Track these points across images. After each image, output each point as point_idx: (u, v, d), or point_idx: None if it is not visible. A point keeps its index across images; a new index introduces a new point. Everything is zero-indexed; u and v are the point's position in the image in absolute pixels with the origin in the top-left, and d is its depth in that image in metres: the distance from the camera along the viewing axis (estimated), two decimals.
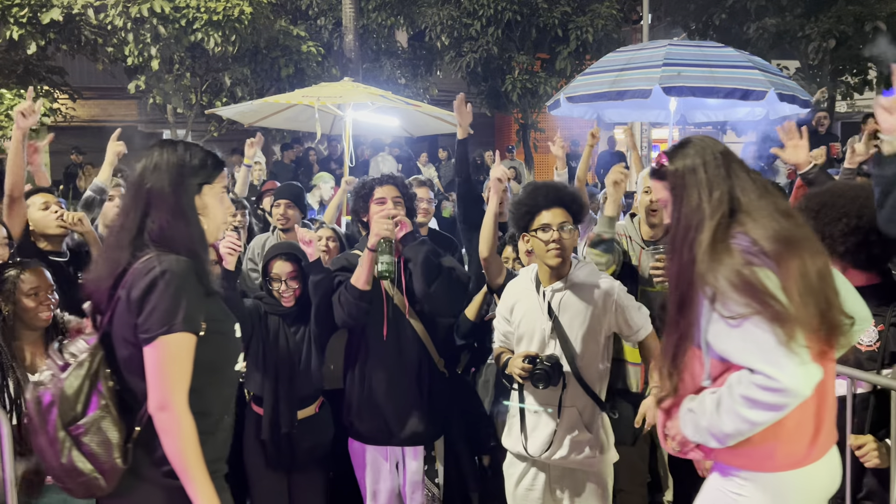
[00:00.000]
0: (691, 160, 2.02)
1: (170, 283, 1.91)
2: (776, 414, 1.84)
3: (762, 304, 1.81)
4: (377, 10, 14.05)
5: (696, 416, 1.96)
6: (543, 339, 2.84)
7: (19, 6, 9.61)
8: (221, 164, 2.14)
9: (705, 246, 1.92)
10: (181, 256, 1.97)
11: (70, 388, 1.97)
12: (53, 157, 16.54)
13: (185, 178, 2.04)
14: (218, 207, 2.12)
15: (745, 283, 1.83)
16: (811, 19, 11.49)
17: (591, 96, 6.85)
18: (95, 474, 1.94)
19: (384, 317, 3.15)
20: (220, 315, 2.09)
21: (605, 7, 13.26)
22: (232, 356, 2.14)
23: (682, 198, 2.01)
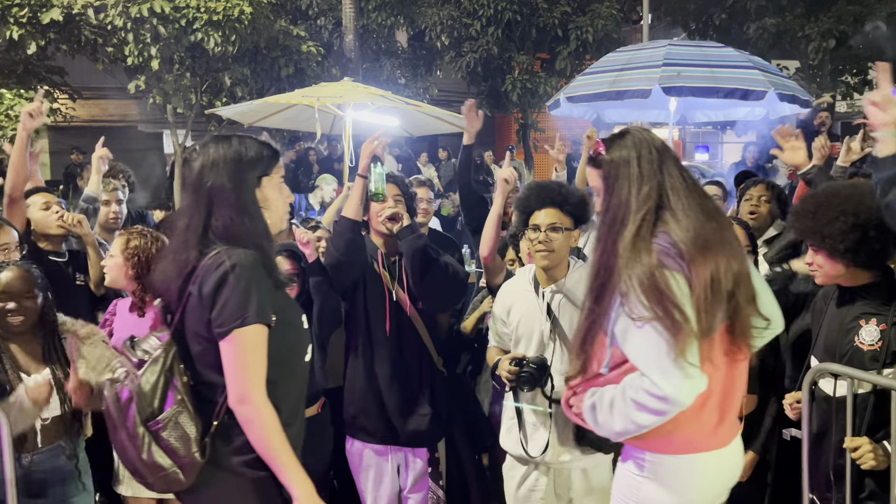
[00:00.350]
0: (626, 152, 2.05)
1: (240, 276, 1.93)
2: (659, 418, 1.93)
3: (664, 312, 1.87)
4: (377, 10, 14.05)
5: (596, 412, 2.06)
6: (542, 341, 2.83)
7: (19, 6, 9.60)
8: (277, 154, 2.15)
9: (627, 242, 1.96)
10: (248, 250, 1.98)
11: (146, 385, 2.00)
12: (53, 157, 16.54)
13: (244, 173, 2.04)
14: (278, 198, 2.12)
15: (655, 286, 1.88)
16: (811, 19, 11.49)
17: (591, 96, 6.86)
18: (175, 469, 1.97)
19: (386, 312, 3.15)
20: (287, 307, 2.11)
21: (605, 7, 13.26)
22: (301, 348, 2.16)
23: (613, 189, 2.05)
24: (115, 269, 3.07)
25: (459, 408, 3.44)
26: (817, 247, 2.53)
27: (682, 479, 2.08)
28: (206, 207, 2.02)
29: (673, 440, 2.03)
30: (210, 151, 2.06)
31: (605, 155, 2.08)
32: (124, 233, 3.13)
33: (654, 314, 1.87)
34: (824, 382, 2.58)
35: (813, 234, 2.52)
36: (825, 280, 2.58)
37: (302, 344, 2.16)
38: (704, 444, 2.07)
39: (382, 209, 3.15)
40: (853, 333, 2.50)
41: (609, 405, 2.01)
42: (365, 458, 3.25)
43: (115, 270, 3.06)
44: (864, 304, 2.51)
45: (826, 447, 2.56)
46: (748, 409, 2.88)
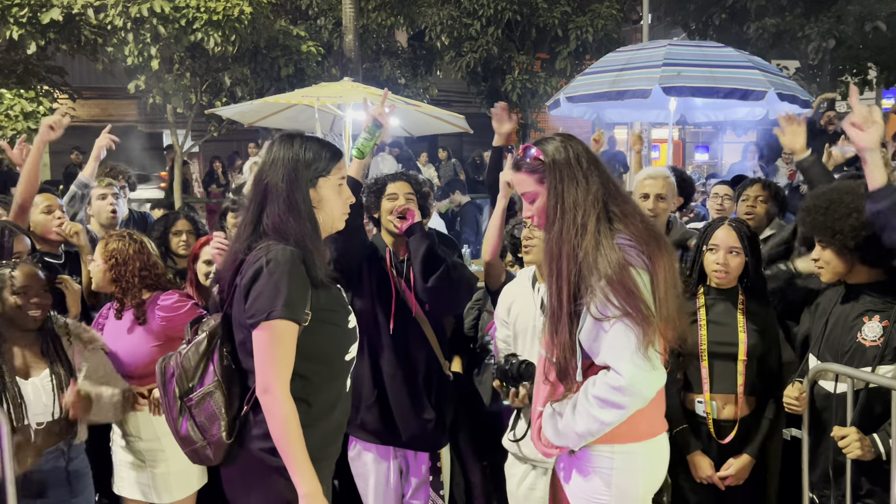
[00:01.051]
0: (565, 154, 2.04)
1: (273, 271, 2.00)
2: (623, 413, 1.96)
3: (634, 308, 1.89)
4: (377, 10, 14.04)
5: (555, 418, 2.06)
6: (536, 334, 2.82)
7: (19, 6, 9.59)
8: (339, 154, 2.20)
9: (590, 244, 1.95)
10: (290, 247, 2.05)
11: (189, 363, 2.14)
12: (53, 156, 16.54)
13: (299, 173, 2.11)
14: (335, 199, 2.18)
15: (624, 284, 1.90)
16: (811, 19, 11.48)
17: (591, 96, 6.86)
18: (204, 444, 2.11)
19: (391, 311, 3.12)
20: (331, 305, 2.16)
21: (605, 7, 13.26)
22: (342, 347, 2.20)
23: (562, 192, 2.02)
24: (98, 272, 3.07)
25: (466, 413, 3.42)
26: (826, 243, 2.54)
27: (651, 463, 2.13)
28: (260, 204, 2.12)
29: (639, 428, 2.07)
30: (273, 150, 2.16)
31: (544, 158, 2.06)
32: (104, 236, 3.13)
33: (624, 311, 1.89)
34: (825, 381, 2.59)
35: (823, 230, 2.53)
36: (831, 277, 2.59)
37: (343, 343, 2.21)
38: (660, 426, 2.15)
39: (393, 205, 3.13)
40: (856, 330, 2.51)
41: (571, 409, 2.02)
42: (367, 463, 3.21)
43: (99, 274, 3.06)
44: (868, 301, 2.53)
45: (825, 445, 2.57)
46: (746, 411, 2.88)
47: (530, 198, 2.11)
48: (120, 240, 3.05)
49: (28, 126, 10.10)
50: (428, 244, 3.05)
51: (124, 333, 3.04)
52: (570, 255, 1.97)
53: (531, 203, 2.12)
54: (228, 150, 14.55)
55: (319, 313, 2.09)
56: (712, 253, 2.90)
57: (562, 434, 2.05)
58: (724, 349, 2.87)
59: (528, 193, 2.11)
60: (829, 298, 2.73)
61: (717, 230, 2.91)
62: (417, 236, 3.06)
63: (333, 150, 2.19)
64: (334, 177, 2.17)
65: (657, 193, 3.42)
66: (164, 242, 3.94)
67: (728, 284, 2.91)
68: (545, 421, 2.10)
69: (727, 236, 2.88)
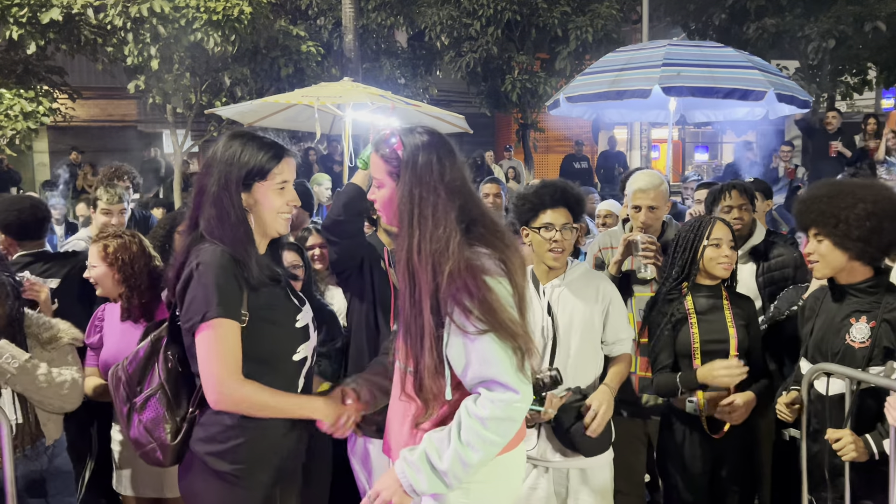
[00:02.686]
0: (426, 156, 1.90)
1: (203, 273, 2.00)
2: (517, 425, 1.88)
3: (500, 321, 1.80)
4: (377, 9, 14.05)
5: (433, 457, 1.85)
6: (542, 337, 2.84)
7: (19, 6, 9.59)
8: (279, 157, 2.13)
9: (451, 258, 1.82)
10: (221, 247, 2.04)
11: (134, 366, 2.18)
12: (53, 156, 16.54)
13: (231, 176, 2.08)
14: (271, 203, 2.13)
15: (486, 297, 1.80)
16: (811, 19, 11.48)
17: (591, 96, 6.86)
18: (154, 446, 2.13)
19: (391, 310, 3.08)
20: (273, 305, 2.14)
21: (605, 7, 13.26)
22: (287, 347, 2.17)
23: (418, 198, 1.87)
24: (102, 278, 2.99)
25: None
26: (826, 233, 2.50)
27: (514, 474, 2.07)
28: (196, 206, 2.12)
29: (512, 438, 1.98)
30: (212, 150, 2.15)
31: (402, 154, 1.92)
32: (98, 240, 3.03)
33: (490, 325, 1.79)
34: (818, 382, 2.59)
35: (826, 219, 2.48)
36: (823, 273, 2.57)
37: (289, 343, 2.18)
38: (521, 435, 2.08)
39: None
40: (844, 332, 2.51)
41: (450, 442, 1.84)
42: (366, 448, 3.14)
43: (104, 279, 2.99)
44: (854, 301, 2.52)
45: (820, 446, 2.57)
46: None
47: (378, 184, 1.99)
48: (117, 239, 3.00)
49: (28, 126, 10.11)
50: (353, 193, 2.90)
51: (131, 333, 2.99)
52: (431, 267, 1.82)
53: (378, 189, 1.99)
54: None
55: (258, 312, 2.07)
56: (716, 248, 2.93)
57: (451, 471, 1.84)
58: (716, 346, 2.90)
59: (378, 180, 1.99)
60: (814, 300, 2.73)
61: (716, 226, 2.96)
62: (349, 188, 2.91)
63: (274, 153, 2.13)
64: (272, 181, 2.11)
65: (648, 205, 3.43)
66: (169, 241, 3.91)
67: (727, 276, 2.98)
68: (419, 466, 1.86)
69: (727, 231, 2.96)
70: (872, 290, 2.49)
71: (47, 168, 16.64)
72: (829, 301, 2.62)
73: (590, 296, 2.86)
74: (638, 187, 3.45)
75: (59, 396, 2.65)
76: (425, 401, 1.90)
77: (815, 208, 2.54)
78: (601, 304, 2.86)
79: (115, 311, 3.09)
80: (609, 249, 3.62)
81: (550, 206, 2.81)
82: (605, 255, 3.61)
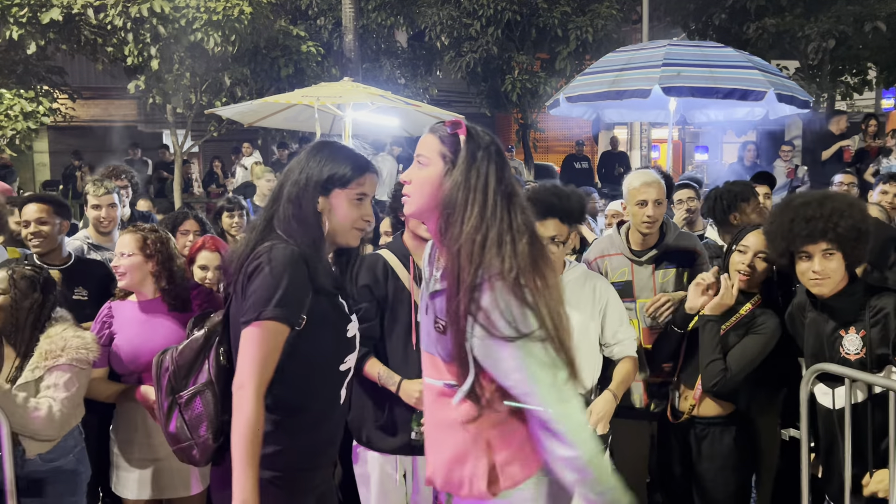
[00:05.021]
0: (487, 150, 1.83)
1: (273, 269, 1.96)
2: None
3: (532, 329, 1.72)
4: (377, 9, 14.04)
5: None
6: None
7: (19, 6, 9.59)
8: (362, 169, 2.13)
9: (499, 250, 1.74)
10: (293, 246, 2.01)
11: (184, 359, 2.13)
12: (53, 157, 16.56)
13: (312, 179, 2.08)
14: (346, 212, 2.12)
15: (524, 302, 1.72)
16: (811, 19, 11.47)
17: (591, 96, 6.86)
18: (191, 444, 2.09)
19: (412, 326, 2.94)
20: (330, 312, 2.12)
21: (605, 7, 13.26)
22: (337, 355, 2.16)
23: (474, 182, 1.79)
24: (134, 268, 2.99)
25: None
26: (835, 247, 2.41)
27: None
28: (273, 204, 2.11)
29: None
30: (301, 154, 2.17)
31: (465, 137, 1.82)
32: (135, 231, 3.04)
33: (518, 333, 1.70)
34: (823, 397, 2.57)
35: (824, 233, 2.39)
36: (831, 290, 2.47)
37: (339, 352, 2.16)
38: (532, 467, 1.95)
39: None
40: (837, 345, 2.48)
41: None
42: (370, 463, 3.06)
43: (136, 270, 2.99)
44: (838, 312, 2.48)
45: (838, 458, 2.55)
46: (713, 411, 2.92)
47: (424, 161, 1.87)
48: (153, 232, 3.04)
49: (28, 126, 10.11)
50: None
51: (152, 326, 3.01)
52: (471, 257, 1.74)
53: (421, 167, 1.87)
54: (228, 150, 14.55)
55: (317, 317, 2.06)
56: (741, 254, 2.90)
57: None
58: None
59: (425, 157, 1.86)
60: (799, 313, 2.71)
61: (750, 234, 2.92)
62: None
63: (359, 165, 2.14)
64: (351, 191, 2.11)
65: (655, 199, 3.35)
66: None
67: (751, 288, 2.91)
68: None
69: (757, 240, 2.87)
70: (852, 298, 2.46)
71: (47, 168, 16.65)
72: (814, 312, 2.59)
73: (585, 298, 2.84)
74: (643, 181, 3.38)
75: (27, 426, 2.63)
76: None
77: (808, 228, 2.41)
78: (597, 306, 2.85)
79: (124, 308, 3.08)
80: (608, 257, 3.42)
81: (539, 218, 2.68)
82: (603, 263, 3.41)
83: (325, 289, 2.09)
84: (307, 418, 2.07)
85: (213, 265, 3.38)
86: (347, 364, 2.19)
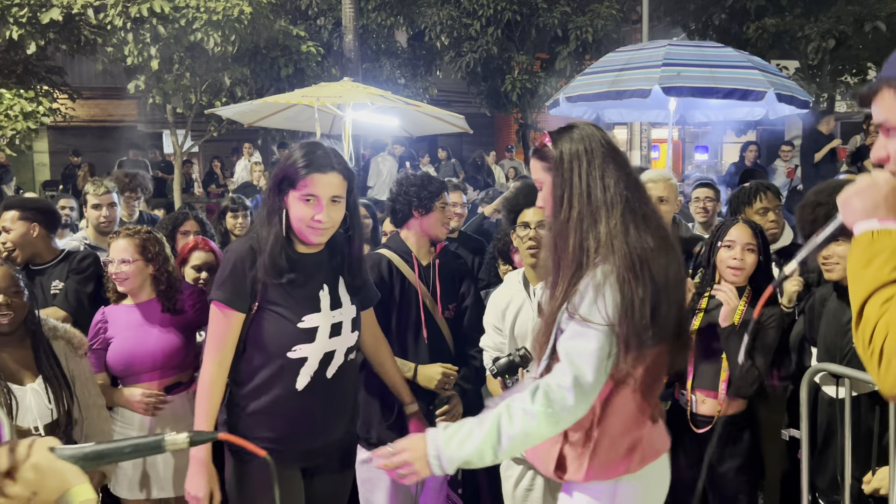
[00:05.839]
0: (577, 144, 1.93)
1: (224, 260, 2.36)
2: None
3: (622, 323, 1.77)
4: (377, 10, 14.05)
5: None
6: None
7: (19, 6, 9.58)
8: (309, 169, 2.24)
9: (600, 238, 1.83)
10: (250, 241, 2.31)
11: None
12: (53, 156, 16.56)
13: (276, 178, 2.31)
14: (295, 211, 2.27)
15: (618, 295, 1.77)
16: (811, 19, 11.48)
17: (591, 96, 6.85)
18: None
19: (421, 321, 3.00)
20: (284, 301, 2.30)
21: (605, 7, 13.27)
22: (285, 343, 2.31)
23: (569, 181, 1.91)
24: (136, 273, 2.99)
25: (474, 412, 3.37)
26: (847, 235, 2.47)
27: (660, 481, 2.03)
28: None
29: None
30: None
31: (553, 146, 1.95)
32: (131, 235, 3.03)
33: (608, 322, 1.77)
34: (828, 386, 2.58)
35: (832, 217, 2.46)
36: (840, 275, 2.54)
37: (288, 340, 2.31)
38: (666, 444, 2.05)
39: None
40: (850, 332, 2.49)
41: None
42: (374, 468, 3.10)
43: (138, 275, 3.00)
44: None
45: (832, 450, 2.55)
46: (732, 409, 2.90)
47: (540, 185, 2.03)
48: (150, 235, 3.05)
49: (28, 126, 10.11)
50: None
51: (152, 327, 3.02)
52: (573, 249, 1.85)
53: (541, 191, 2.03)
54: (228, 150, 14.56)
55: (267, 305, 2.29)
56: (728, 249, 2.87)
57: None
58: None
59: (539, 181, 2.02)
60: (820, 302, 2.72)
61: (732, 227, 2.89)
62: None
63: (306, 166, 2.24)
64: (299, 191, 2.25)
65: (658, 196, 3.35)
66: (171, 241, 3.92)
67: (741, 283, 2.89)
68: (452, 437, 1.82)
69: (743, 233, 2.86)
70: None
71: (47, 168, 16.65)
72: (834, 301, 2.61)
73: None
74: (647, 178, 3.40)
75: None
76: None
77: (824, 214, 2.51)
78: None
79: (118, 312, 3.07)
80: None
81: (525, 206, 2.82)
82: None
83: (271, 279, 2.26)
84: (258, 396, 2.32)
85: (206, 265, 3.42)
86: (298, 353, 2.31)
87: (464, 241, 4.52)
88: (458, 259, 3.29)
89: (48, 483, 1.11)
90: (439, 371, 2.93)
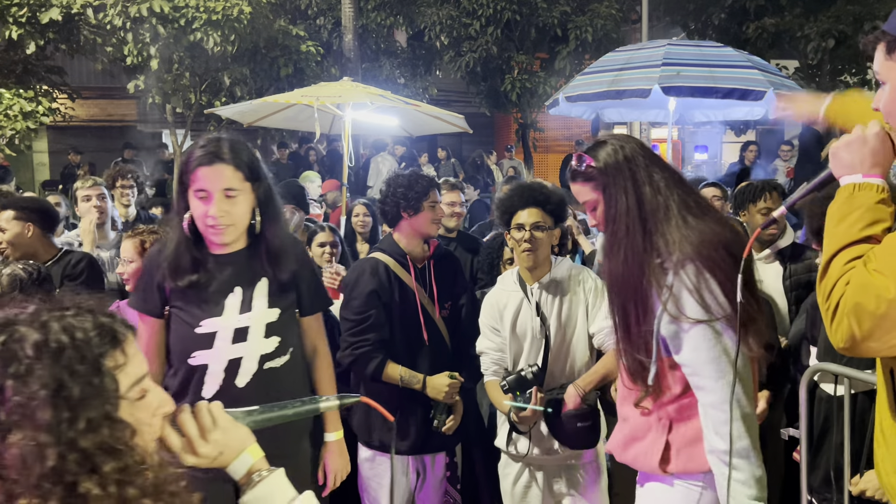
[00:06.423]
0: (617, 156, 1.96)
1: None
2: None
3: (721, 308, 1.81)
4: (376, 9, 14.04)
5: None
6: (534, 336, 2.84)
7: (18, 6, 9.58)
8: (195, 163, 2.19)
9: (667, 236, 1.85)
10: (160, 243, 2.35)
11: None
12: (53, 156, 16.54)
13: (178, 178, 2.30)
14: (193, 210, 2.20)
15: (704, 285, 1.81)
16: (810, 19, 11.47)
17: (591, 96, 6.85)
18: None
19: (421, 323, 3.01)
20: (186, 305, 2.24)
21: (605, 7, 13.26)
22: (185, 348, 2.23)
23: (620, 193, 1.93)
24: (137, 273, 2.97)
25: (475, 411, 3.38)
26: None
27: None
28: None
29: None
30: None
31: (597, 164, 1.98)
32: (133, 235, 3.08)
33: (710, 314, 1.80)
34: (825, 384, 2.58)
35: None
36: None
37: (187, 345, 2.23)
38: None
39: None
40: None
41: None
42: (383, 467, 3.03)
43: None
44: None
45: (827, 447, 2.56)
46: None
47: (591, 206, 2.04)
48: (152, 234, 3.06)
49: (27, 126, 10.11)
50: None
51: None
52: (635, 259, 1.88)
53: (594, 212, 2.04)
54: None
55: (173, 308, 2.27)
56: None
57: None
58: None
59: (589, 202, 2.04)
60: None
61: None
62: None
63: (193, 157, 2.17)
64: (191, 187, 2.18)
65: None
66: None
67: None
68: None
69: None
70: None
71: (47, 168, 16.64)
72: None
73: (574, 290, 2.86)
74: None
75: None
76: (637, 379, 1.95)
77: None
78: (585, 297, 2.86)
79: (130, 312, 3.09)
80: None
81: (520, 207, 2.83)
82: None
83: (177, 283, 2.20)
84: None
85: None
86: (199, 359, 2.22)
87: (462, 241, 4.51)
88: (450, 256, 3.30)
89: (232, 443, 1.24)
90: (447, 382, 2.93)
